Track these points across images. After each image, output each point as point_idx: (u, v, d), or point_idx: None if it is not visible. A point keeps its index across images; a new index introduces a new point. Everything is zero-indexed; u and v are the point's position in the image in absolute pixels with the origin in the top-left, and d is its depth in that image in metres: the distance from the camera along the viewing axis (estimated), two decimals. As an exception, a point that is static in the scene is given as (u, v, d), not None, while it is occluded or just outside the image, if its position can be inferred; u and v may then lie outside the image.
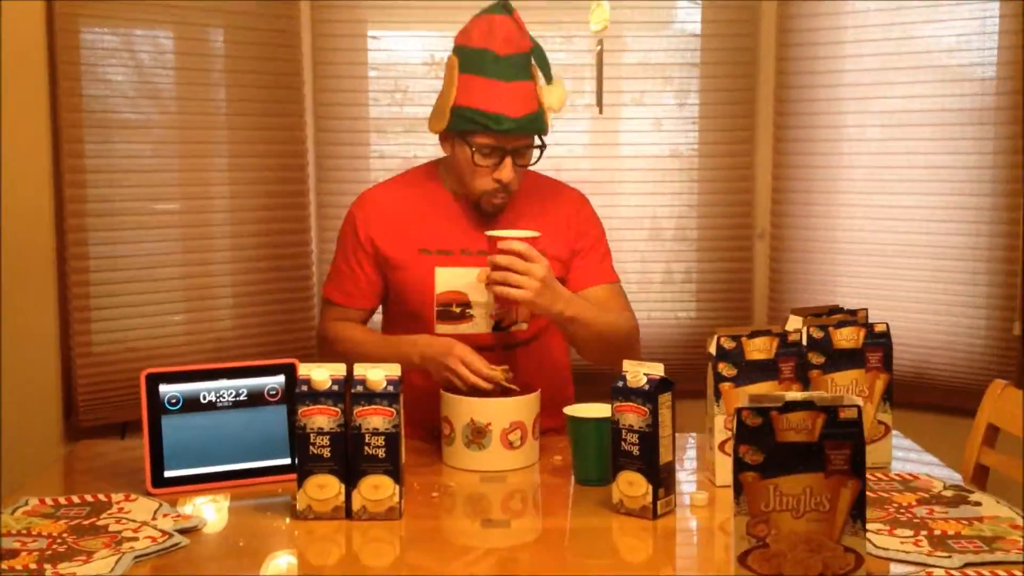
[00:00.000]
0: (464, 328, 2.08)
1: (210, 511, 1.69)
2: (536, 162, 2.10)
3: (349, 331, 2.15)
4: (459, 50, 2.06)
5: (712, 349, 1.78)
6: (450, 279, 2.08)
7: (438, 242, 2.10)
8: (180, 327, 2.87)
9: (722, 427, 1.77)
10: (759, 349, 1.78)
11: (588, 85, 3.15)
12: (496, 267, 1.91)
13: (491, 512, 1.74)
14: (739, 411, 1.29)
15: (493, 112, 1.99)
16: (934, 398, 2.88)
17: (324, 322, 2.21)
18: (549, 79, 2.06)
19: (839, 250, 3.06)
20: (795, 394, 1.32)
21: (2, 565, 1.41)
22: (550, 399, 1.98)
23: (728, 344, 1.77)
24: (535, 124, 2.05)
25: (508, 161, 2.03)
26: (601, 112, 2.12)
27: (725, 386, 1.77)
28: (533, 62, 2.06)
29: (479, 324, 2.09)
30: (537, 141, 2.08)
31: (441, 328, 2.08)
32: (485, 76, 2.01)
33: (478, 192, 2.06)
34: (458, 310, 2.09)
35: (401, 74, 3.09)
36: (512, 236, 1.93)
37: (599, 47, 2.06)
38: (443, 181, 2.15)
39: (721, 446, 1.77)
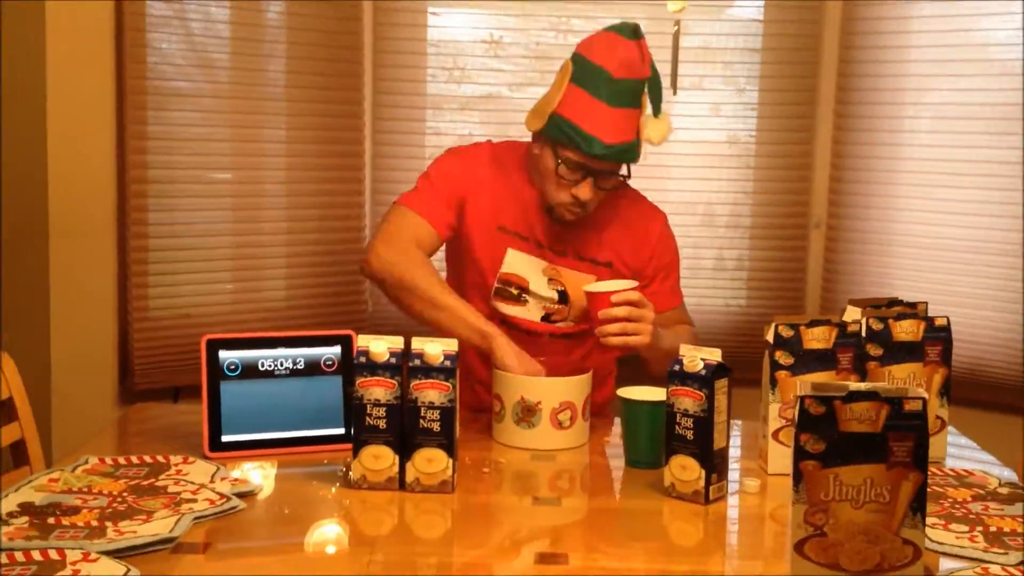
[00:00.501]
0: (516, 311, 2.11)
1: (262, 477, 1.71)
2: (614, 189, 2.09)
3: (434, 279, 2.04)
4: (577, 59, 2.04)
5: (769, 337, 1.77)
6: (518, 263, 2.11)
7: (519, 226, 2.11)
8: (233, 295, 2.90)
9: (776, 415, 1.76)
10: (817, 338, 1.76)
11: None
12: (611, 319, 1.92)
13: (541, 490, 1.75)
14: (802, 399, 1.28)
15: (589, 133, 1.98)
16: (988, 395, 2.84)
17: (388, 226, 2.09)
18: (657, 112, 2.04)
19: (896, 242, 3.02)
20: (859, 384, 1.31)
21: (64, 521, 1.44)
22: (566, 365, 2.00)
23: (786, 332, 1.76)
24: (626, 155, 2.03)
25: (589, 182, 2.02)
26: (675, 93, 2.11)
27: (781, 374, 1.76)
28: (646, 90, 2.04)
29: (531, 311, 2.13)
30: (623, 171, 2.07)
31: (495, 304, 2.10)
32: (593, 95, 1.99)
33: (553, 201, 2.07)
34: (516, 292, 2.11)
35: (459, 51, 3.09)
36: (613, 290, 1.95)
37: (676, 27, 2.05)
38: (526, 168, 2.15)
39: (775, 434, 1.76)
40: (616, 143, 1.99)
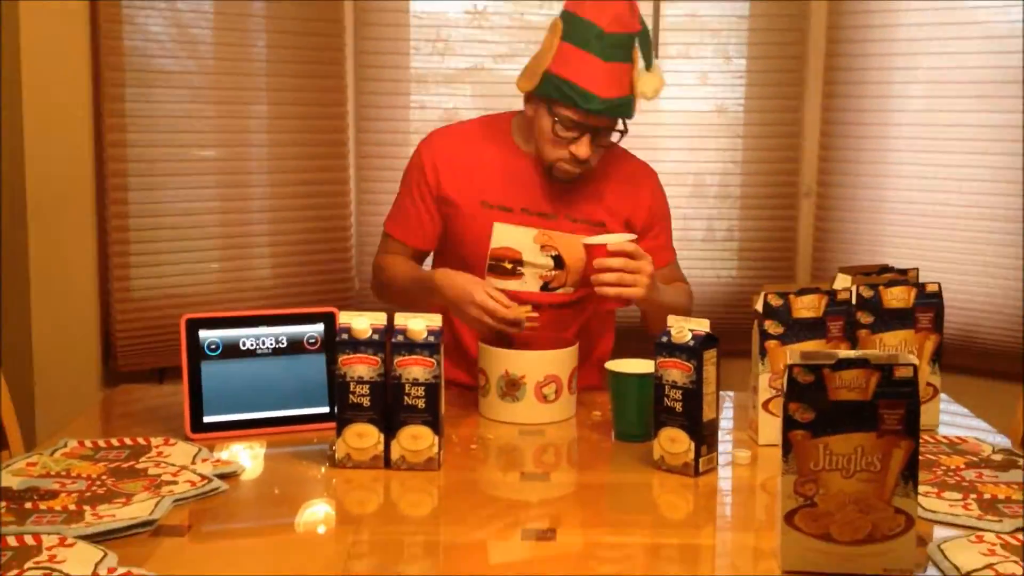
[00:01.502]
0: (513, 285, 2.08)
1: (246, 457, 1.69)
2: (613, 145, 2.08)
3: (396, 263, 2.17)
4: (566, 16, 2.01)
5: (759, 307, 1.74)
6: (507, 236, 2.09)
7: (500, 197, 2.09)
8: (218, 274, 2.87)
9: (767, 386, 1.74)
10: (807, 307, 1.74)
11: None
12: (606, 269, 1.89)
13: (529, 465, 1.73)
14: (790, 368, 1.25)
15: (584, 88, 1.95)
16: (980, 362, 2.82)
17: (379, 253, 2.24)
18: (649, 65, 2.02)
19: (887, 210, 2.99)
20: (848, 352, 1.28)
21: (42, 506, 1.42)
22: (588, 357, 1.96)
23: (775, 301, 1.73)
24: (622, 108, 2.01)
25: (587, 138, 2.00)
26: (656, 56, 2.07)
27: (771, 344, 1.73)
28: (636, 44, 2.01)
29: (528, 283, 2.10)
30: (620, 125, 2.05)
31: (490, 281, 2.07)
32: (585, 50, 1.96)
33: (550, 160, 2.05)
34: (510, 266, 2.09)
35: (443, 23, 3.04)
36: (610, 240, 1.92)
37: None
38: (514, 137, 2.13)
39: (765, 405, 1.74)
40: (612, 97, 1.97)
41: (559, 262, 2.10)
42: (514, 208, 2.09)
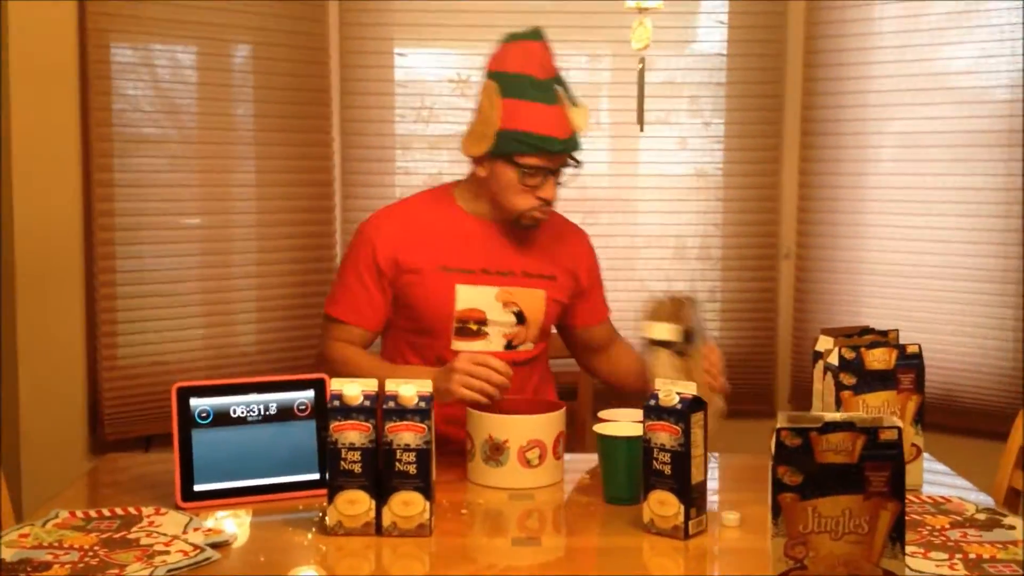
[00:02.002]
0: (479, 345, 2.12)
1: (231, 525, 1.69)
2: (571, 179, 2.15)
3: (355, 356, 2.13)
4: (497, 76, 2.09)
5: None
6: (471, 296, 2.13)
7: (459, 261, 2.13)
8: (204, 341, 2.87)
9: None
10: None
11: (609, 103, 3.16)
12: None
13: (520, 530, 1.73)
14: (778, 431, 1.28)
15: (543, 134, 2.05)
16: (961, 421, 2.85)
17: (328, 342, 2.17)
18: (574, 102, 2.12)
19: (865, 271, 3.04)
20: (834, 415, 1.31)
21: (35, 577, 1.41)
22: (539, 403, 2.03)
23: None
24: (576, 144, 2.11)
25: (551, 180, 2.10)
26: (642, 129, 2.17)
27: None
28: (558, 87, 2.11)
29: (492, 342, 2.14)
30: (571, 162, 2.13)
31: (458, 344, 2.11)
32: (528, 100, 2.06)
33: (520, 210, 2.11)
34: (475, 327, 2.13)
35: (427, 91, 3.10)
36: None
37: (641, 65, 2.10)
38: (460, 202, 2.18)
39: None
40: (567, 136, 2.08)
41: (520, 317, 2.15)
42: (474, 269, 2.13)
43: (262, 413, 1.82)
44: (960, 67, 2.90)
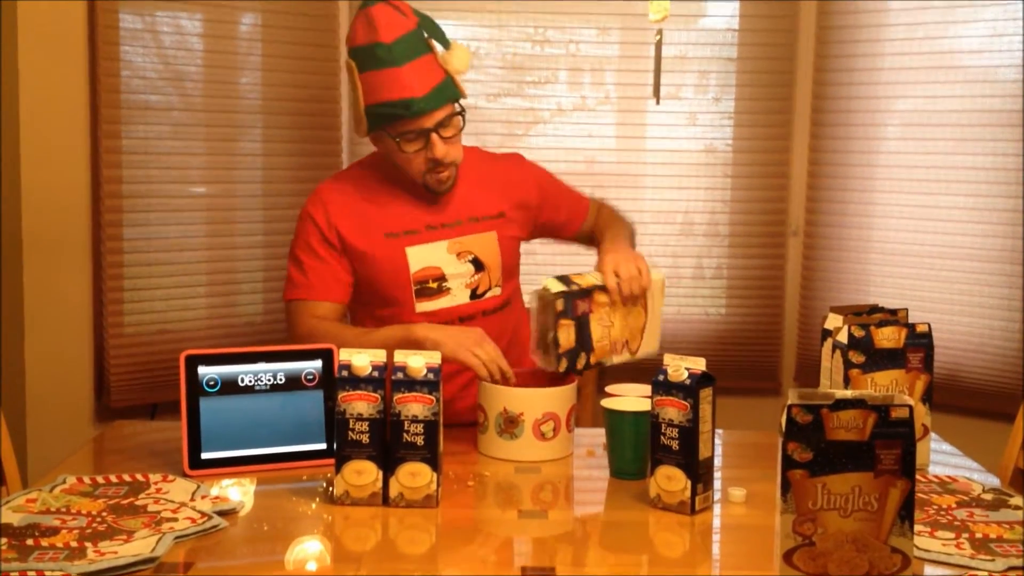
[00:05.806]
0: (444, 302, 2.11)
1: (236, 494, 1.69)
2: (463, 128, 2.11)
3: (334, 328, 2.04)
4: (352, 52, 2.08)
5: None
6: (422, 256, 2.11)
7: (402, 223, 2.12)
8: (210, 310, 2.87)
9: None
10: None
11: (617, 77, 3.14)
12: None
13: (526, 503, 1.73)
14: (789, 408, 1.28)
15: (398, 99, 2.01)
16: (968, 401, 2.86)
17: (297, 327, 2.08)
18: (447, 45, 2.08)
19: (873, 249, 3.04)
20: (845, 392, 1.31)
21: (44, 543, 1.42)
22: (520, 352, 2.07)
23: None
24: (444, 94, 2.06)
25: (434, 138, 2.05)
26: (658, 102, 2.15)
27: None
28: (426, 35, 2.07)
29: (457, 295, 2.13)
30: (456, 108, 2.09)
31: (422, 306, 2.10)
32: (381, 68, 2.02)
33: (419, 174, 2.09)
34: (435, 285, 2.12)
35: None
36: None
37: (659, 37, 2.07)
38: (390, 168, 2.16)
39: None
40: (428, 91, 2.03)
41: (478, 264, 2.14)
42: (419, 228, 2.12)
43: (270, 382, 1.81)
44: (970, 46, 2.88)
